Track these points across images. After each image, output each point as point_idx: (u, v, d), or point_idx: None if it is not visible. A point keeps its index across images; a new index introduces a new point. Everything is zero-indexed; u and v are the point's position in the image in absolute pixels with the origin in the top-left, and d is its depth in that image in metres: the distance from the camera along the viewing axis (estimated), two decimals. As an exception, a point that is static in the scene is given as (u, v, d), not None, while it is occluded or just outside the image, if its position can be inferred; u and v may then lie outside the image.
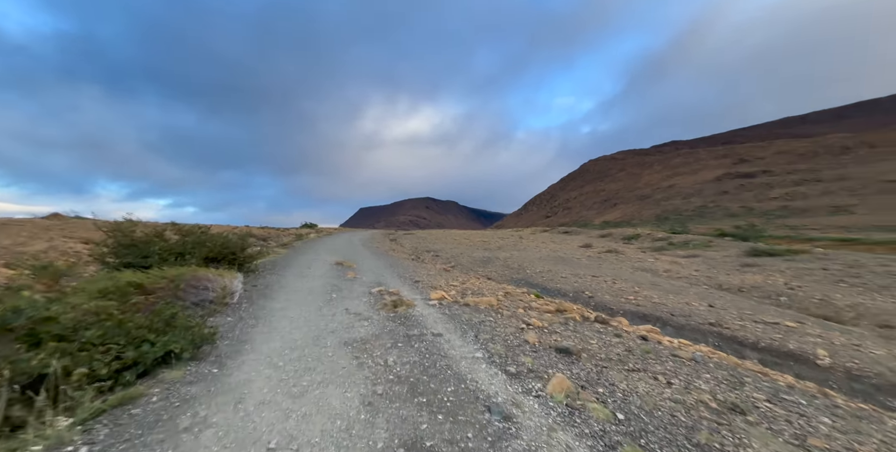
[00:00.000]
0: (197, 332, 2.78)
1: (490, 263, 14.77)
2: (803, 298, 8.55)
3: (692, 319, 6.49)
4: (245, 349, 3.05)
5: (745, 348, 5.14)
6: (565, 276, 11.69)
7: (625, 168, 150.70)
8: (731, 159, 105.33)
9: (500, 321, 4.24)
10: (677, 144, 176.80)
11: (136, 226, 6.77)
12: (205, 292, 4.23)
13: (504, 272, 12.86)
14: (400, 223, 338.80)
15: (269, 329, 3.66)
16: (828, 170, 72.58)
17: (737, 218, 52.11)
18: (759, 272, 11.88)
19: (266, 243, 18.87)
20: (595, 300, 8.62)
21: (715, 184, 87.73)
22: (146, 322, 2.65)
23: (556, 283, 10.67)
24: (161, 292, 3.74)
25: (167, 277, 4.34)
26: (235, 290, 4.71)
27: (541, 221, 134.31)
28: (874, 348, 4.95)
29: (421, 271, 9.05)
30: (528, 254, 17.62)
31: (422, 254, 17.48)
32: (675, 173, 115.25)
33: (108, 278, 3.94)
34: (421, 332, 3.69)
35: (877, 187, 55.30)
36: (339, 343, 3.29)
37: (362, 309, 4.65)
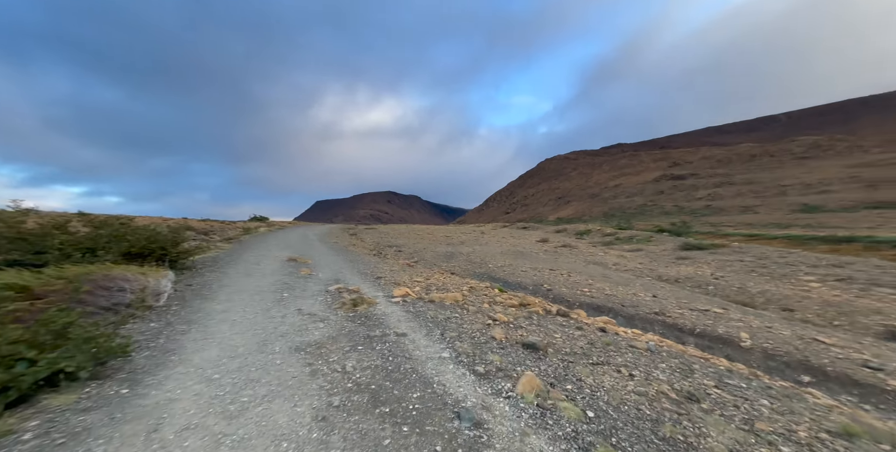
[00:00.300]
0: (102, 344, 2.25)
1: (453, 258, 14.75)
2: (725, 287, 9.70)
3: (640, 309, 6.99)
4: (170, 361, 2.57)
5: (684, 334, 5.64)
6: (525, 270, 12.04)
7: (577, 168, 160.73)
8: (667, 163, 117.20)
9: (467, 317, 4.13)
10: (623, 147, 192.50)
11: (27, 216, 5.54)
12: (120, 294, 3.53)
13: (467, 267, 12.91)
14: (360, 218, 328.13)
15: (204, 335, 3.15)
16: (739, 175, 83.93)
17: (671, 216, 58.24)
18: (691, 265, 13.30)
19: (208, 237, 16.96)
20: (553, 293, 8.96)
21: (654, 184, 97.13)
22: (26, 335, 2.08)
23: (517, 277, 10.93)
24: (56, 296, 3.03)
25: (66, 277, 3.56)
26: (163, 291, 4.03)
27: (501, 216, 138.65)
28: (781, 329, 5.71)
29: (383, 267, 8.69)
30: (490, 249, 17.95)
31: (384, 249, 16.96)
32: (620, 174, 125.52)
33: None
34: (383, 332, 3.44)
35: (774, 191, 65.23)
36: (289, 349, 2.93)
37: (318, 309, 4.26)
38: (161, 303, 3.83)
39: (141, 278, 3.85)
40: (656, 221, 50.70)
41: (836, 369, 4.06)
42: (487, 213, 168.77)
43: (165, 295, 4.01)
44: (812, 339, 5.10)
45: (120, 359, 2.47)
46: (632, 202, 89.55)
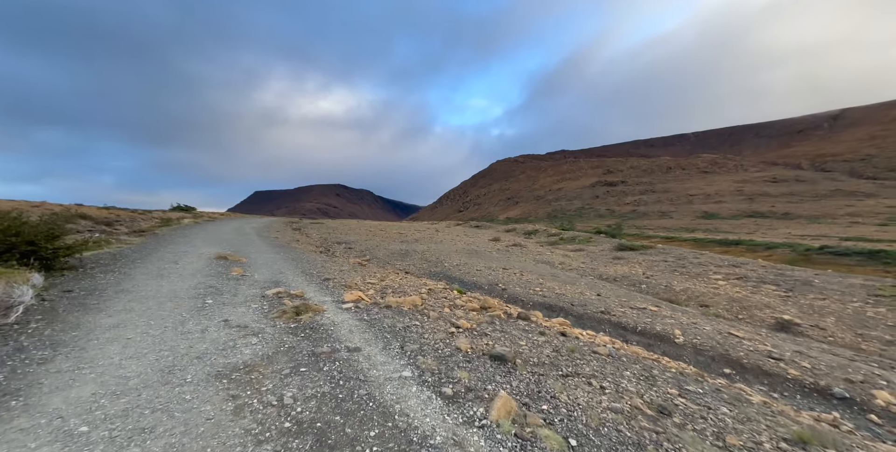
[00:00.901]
0: None
1: (408, 256, 14.28)
2: (655, 285, 10.78)
3: (588, 308, 7.33)
4: (8, 408, 1.78)
5: (628, 332, 5.99)
6: (480, 269, 12.08)
7: (525, 171, 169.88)
8: (602, 170, 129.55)
9: (428, 324, 3.78)
10: (565, 153, 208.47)
11: None
12: (-58, 309, 2.48)
13: (423, 266, 12.56)
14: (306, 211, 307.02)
15: (76, 364, 2.33)
16: (659, 184, 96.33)
17: (604, 218, 64.57)
18: (625, 264, 14.64)
19: (110, 228, 14.08)
20: (508, 292, 9.05)
21: (590, 189, 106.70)
22: None
23: (472, 276, 10.87)
24: None
25: None
26: (17, 302, 2.97)
27: (454, 215, 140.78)
28: (704, 325, 6.40)
29: (332, 267, 7.91)
30: (445, 247, 17.81)
31: (332, 246, 15.82)
32: (563, 178, 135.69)
33: None
34: (332, 347, 2.93)
35: (685, 199, 76.15)
36: (207, 376, 2.29)
37: (250, 319, 3.55)
38: (11, 319, 2.80)
39: (-19, 286, 2.77)
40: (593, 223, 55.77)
41: (749, 361, 4.59)
42: (441, 210, 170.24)
43: (21, 308, 2.96)
44: (728, 333, 5.76)
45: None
46: (572, 205, 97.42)
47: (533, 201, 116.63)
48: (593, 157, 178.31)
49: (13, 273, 3.33)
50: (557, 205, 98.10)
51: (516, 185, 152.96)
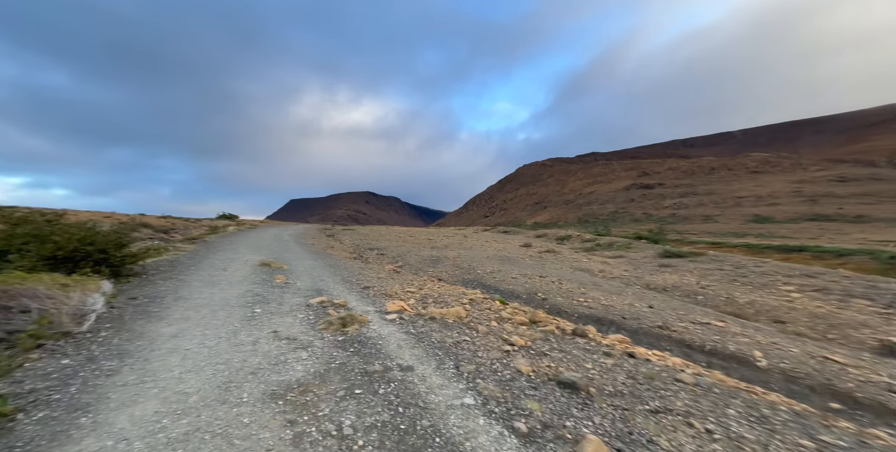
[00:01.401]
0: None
1: (440, 262, 14.12)
2: (714, 296, 9.74)
3: (642, 322, 6.69)
4: (77, 428, 1.75)
5: (694, 351, 5.34)
6: (515, 276, 11.62)
7: (553, 174, 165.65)
8: (637, 172, 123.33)
9: (479, 340, 3.52)
10: (596, 156, 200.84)
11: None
12: (24, 317, 2.61)
13: (455, 273, 12.32)
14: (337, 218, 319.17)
15: (141, 377, 2.32)
16: (701, 186, 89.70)
17: (640, 223, 61.06)
18: (674, 273, 13.48)
19: (168, 236, 15.28)
20: (549, 303, 8.56)
21: (624, 192, 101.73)
22: None
23: (508, 284, 10.46)
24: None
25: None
26: (90, 310, 3.10)
27: (480, 220, 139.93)
28: (789, 346, 5.56)
29: (369, 274, 7.89)
30: (476, 253, 17.51)
31: (365, 252, 16.04)
32: (594, 181, 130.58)
33: None
34: (385, 365, 2.75)
35: (731, 202, 70.09)
36: (262, 395, 2.18)
37: (298, 331, 3.48)
38: (85, 327, 2.91)
39: (59, 295, 2.91)
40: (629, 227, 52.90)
41: (865, 395, 3.85)
42: (467, 216, 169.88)
43: (93, 316, 3.08)
44: (823, 357, 4.94)
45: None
46: (604, 209, 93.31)
47: (562, 205, 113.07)
48: (626, 159, 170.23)
49: (87, 282, 3.51)
50: (589, 209, 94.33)
51: (544, 189, 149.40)
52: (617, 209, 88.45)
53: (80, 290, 3.25)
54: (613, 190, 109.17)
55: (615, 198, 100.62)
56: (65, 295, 2.95)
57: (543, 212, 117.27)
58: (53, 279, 3.44)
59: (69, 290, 3.18)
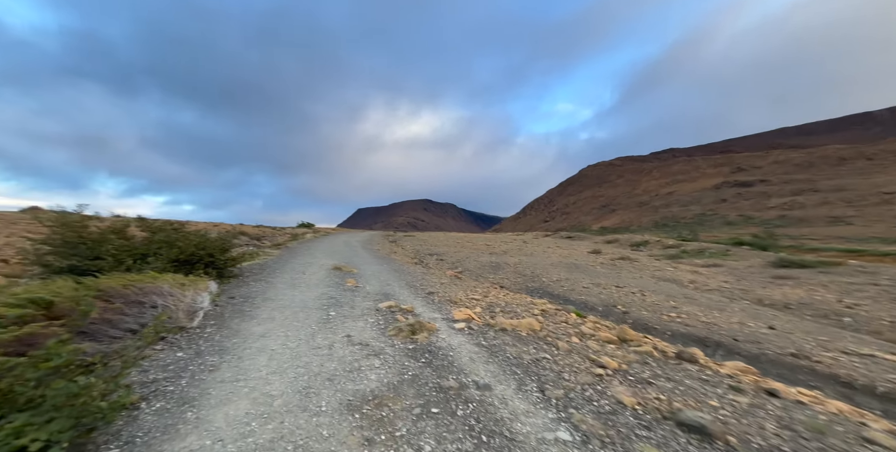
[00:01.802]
0: (86, 405, 1.57)
1: (500, 269, 13.62)
2: (869, 319, 7.48)
3: (764, 347, 5.38)
4: (184, 421, 1.86)
5: (855, 392, 4.04)
6: (586, 286, 10.58)
7: (623, 174, 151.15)
8: (729, 168, 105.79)
9: (562, 359, 3.09)
10: (675, 152, 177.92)
11: (90, 220, 5.54)
12: (153, 312, 3.02)
13: (517, 280, 11.72)
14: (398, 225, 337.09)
15: (235, 374, 2.47)
16: (825, 180, 72.62)
17: (736, 226, 51.78)
18: (797, 286, 10.85)
19: (259, 242, 17.59)
20: (632, 317, 7.50)
21: (713, 192, 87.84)
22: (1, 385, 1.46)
23: (579, 294, 9.53)
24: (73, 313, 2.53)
25: (101, 289, 3.13)
26: (199, 307, 3.50)
27: (539, 225, 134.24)
28: None
29: (432, 280, 7.87)
30: (538, 260, 16.56)
31: (425, 258, 16.29)
32: (673, 181, 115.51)
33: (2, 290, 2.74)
34: (460, 381, 2.52)
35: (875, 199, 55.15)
36: (339, 405, 2.12)
37: (370, 336, 3.48)
38: (195, 323, 3.28)
39: (177, 293, 3.34)
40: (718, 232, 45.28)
41: None
42: (525, 221, 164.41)
43: (201, 313, 3.48)
44: None
45: (122, 417, 1.80)
46: (687, 211, 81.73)
47: (634, 208, 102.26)
48: (715, 153, 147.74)
49: (199, 282, 4.01)
50: (667, 212, 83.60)
51: (612, 191, 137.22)
52: (704, 211, 76.85)
53: (193, 289, 3.72)
54: (698, 189, 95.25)
55: (701, 198, 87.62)
56: (181, 294, 3.39)
57: (612, 216, 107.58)
58: (175, 279, 4.01)
59: (185, 289, 3.65)
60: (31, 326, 2.37)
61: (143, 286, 3.34)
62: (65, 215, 5.32)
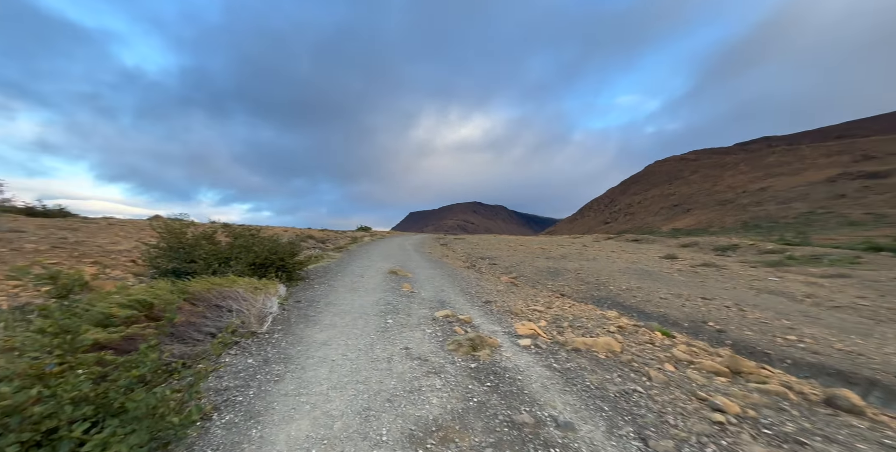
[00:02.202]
0: (163, 417, 1.57)
1: (559, 275, 12.69)
2: None
3: (949, 393, 3.96)
4: (250, 439, 1.79)
5: None
6: (664, 297, 9.24)
7: (699, 169, 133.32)
8: (850, 156, 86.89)
9: (658, 394, 2.51)
10: (770, 141, 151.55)
11: (188, 227, 6.34)
12: (229, 315, 3.20)
13: (580, 288, 10.75)
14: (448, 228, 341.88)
15: (297, 387, 2.43)
16: None
17: (861, 227, 41.98)
18: (980, 308, 8.09)
19: (324, 245, 19.00)
20: (730, 337, 6.25)
21: (826, 186, 72.76)
22: (88, 393, 1.52)
23: (655, 306, 8.34)
24: (165, 319, 2.74)
25: (190, 292, 3.42)
26: (269, 312, 3.66)
27: (598, 227, 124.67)
28: None
29: (486, 286, 7.52)
30: (602, 265, 15.12)
31: (477, 262, 15.94)
32: (768, 174, 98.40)
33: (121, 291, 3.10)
34: (535, 415, 2.15)
35: None
36: (401, 435, 1.90)
37: (429, 350, 3.26)
38: (265, 328, 3.42)
39: (251, 298, 3.52)
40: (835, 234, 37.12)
41: None
42: (582, 223, 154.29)
43: (270, 318, 3.62)
44: None
45: (195, 429, 1.81)
46: (788, 210, 69.03)
47: (714, 206, 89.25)
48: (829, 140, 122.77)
49: (269, 285, 4.24)
50: (759, 211, 71.36)
51: (686, 188, 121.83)
52: (812, 209, 64.15)
53: (265, 293, 3.92)
54: (805, 183, 79.88)
55: (809, 194, 73.35)
56: (254, 298, 3.57)
57: (685, 216, 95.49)
58: (249, 283, 4.29)
59: (258, 293, 3.86)
60: (134, 327, 2.61)
61: (222, 290, 3.58)
62: (169, 223, 6.17)
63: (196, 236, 6.09)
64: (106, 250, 10.76)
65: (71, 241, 10.96)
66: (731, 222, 68.40)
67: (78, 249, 10.31)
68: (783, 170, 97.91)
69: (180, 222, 6.45)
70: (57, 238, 11.21)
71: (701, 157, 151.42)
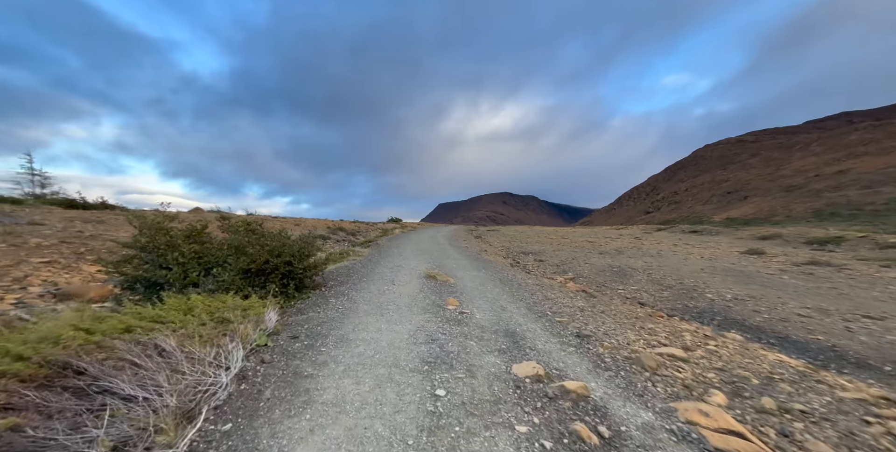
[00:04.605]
0: None
1: (627, 275, 10.31)
2: None
3: None
4: None
5: None
6: (801, 313, 6.66)
7: (759, 152, 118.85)
8: (963, 129, 72.77)
9: None
10: (852, 116, 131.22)
11: (173, 219, 4.90)
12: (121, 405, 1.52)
13: (662, 295, 8.39)
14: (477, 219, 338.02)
15: None
16: None
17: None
18: None
19: (354, 237, 17.78)
20: None
21: (928, 166, 61.25)
22: None
23: (803, 330, 5.85)
24: None
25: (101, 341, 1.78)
26: (217, 386, 1.94)
27: (639, 217, 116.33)
28: None
29: (556, 297, 5.49)
30: (675, 263, 12.48)
31: (520, 257, 13.82)
32: (848, 155, 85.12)
33: None
34: None
35: None
36: None
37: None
38: (188, 435, 1.66)
39: (189, 356, 1.81)
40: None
41: None
42: (620, 213, 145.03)
43: (222, 394, 1.89)
44: None
45: None
46: (874, 195, 59.16)
47: (778, 193, 78.99)
48: None
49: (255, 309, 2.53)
50: (837, 197, 61.74)
51: (742, 173, 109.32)
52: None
53: (231, 335, 2.23)
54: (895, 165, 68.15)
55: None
56: (196, 360, 1.86)
57: (742, 204, 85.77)
58: (218, 309, 2.65)
59: (216, 340, 2.16)
60: None
61: (143, 339, 1.90)
62: (145, 215, 4.73)
63: (174, 235, 4.59)
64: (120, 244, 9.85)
65: (86, 235, 10.28)
66: (801, 211, 60.02)
67: (88, 244, 9.52)
68: (868, 149, 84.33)
69: (164, 213, 5.04)
70: (73, 232, 10.59)
71: (761, 138, 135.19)
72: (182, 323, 2.23)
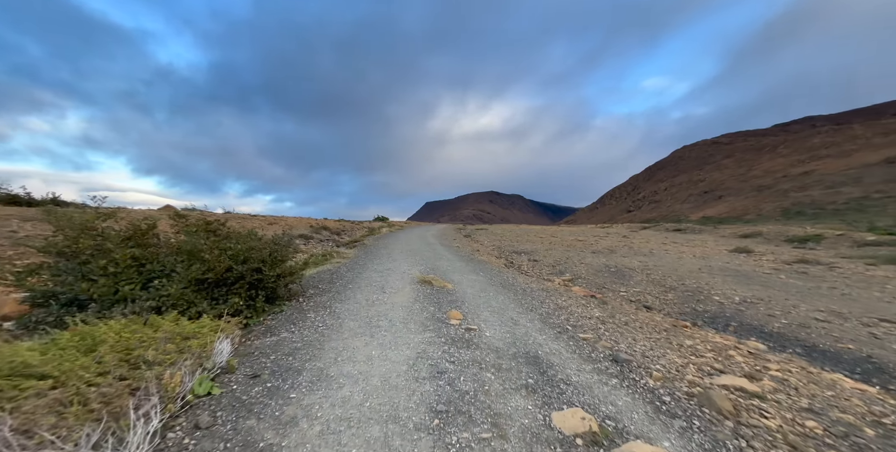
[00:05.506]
0: None
1: (625, 276, 9.93)
2: None
3: None
4: None
5: None
6: (817, 316, 6.34)
7: (732, 154, 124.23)
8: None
9: None
10: (815, 121, 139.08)
11: (111, 217, 3.93)
12: None
13: (667, 297, 8.01)
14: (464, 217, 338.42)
15: None
16: None
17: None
18: None
19: (339, 237, 16.74)
20: None
21: (883, 168, 65.39)
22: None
23: (829, 337, 5.47)
24: None
25: None
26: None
27: (621, 216, 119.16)
28: None
29: (568, 306, 4.86)
30: (669, 262, 12.30)
31: (513, 257, 13.27)
32: (812, 157, 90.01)
33: None
34: None
35: None
36: None
37: None
38: None
39: None
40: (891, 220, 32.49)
41: None
42: (603, 212, 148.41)
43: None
44: None
45: None
46: (836, 195, 62.55)
47: (749, 193, 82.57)
48: (886, 116, 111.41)
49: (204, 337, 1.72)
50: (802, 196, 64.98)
51: (717, 174, 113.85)
52: (867, 194, 57.74)
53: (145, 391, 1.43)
54: (856, 166, 72.25)
55: (861, 177, 66.21)
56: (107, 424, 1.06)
57: (717, 203, 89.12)
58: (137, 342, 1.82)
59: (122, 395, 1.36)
60: None
61: None
62: (66, 212, 3.71)
63: (106, 237, 3.62)
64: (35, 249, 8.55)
65: (20, 235, 8.94)
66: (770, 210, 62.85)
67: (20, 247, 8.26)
68: (830, 152, 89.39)
69: (96, 210, 4.05)
70: (6, 232, 9.22)
71: (734, 140, 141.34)
72: (65, 376, 1.42)
